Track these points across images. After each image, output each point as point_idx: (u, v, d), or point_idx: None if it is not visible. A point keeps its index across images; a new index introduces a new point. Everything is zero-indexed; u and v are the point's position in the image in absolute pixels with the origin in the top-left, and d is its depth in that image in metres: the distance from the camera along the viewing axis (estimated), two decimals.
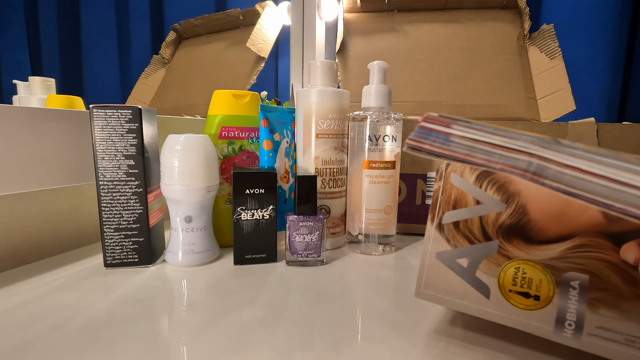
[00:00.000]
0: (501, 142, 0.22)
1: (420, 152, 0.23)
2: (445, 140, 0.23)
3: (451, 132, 0.23)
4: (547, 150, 0.21)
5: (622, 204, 0.17)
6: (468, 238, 0.23)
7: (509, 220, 0.22)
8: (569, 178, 0.19)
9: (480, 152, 0.22)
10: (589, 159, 0.20)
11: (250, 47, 0.81)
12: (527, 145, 0.22)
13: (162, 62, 0.96)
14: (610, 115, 0.81)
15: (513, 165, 0.21)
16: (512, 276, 0.22)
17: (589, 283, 0.21)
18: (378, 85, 0.42)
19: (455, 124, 0.24)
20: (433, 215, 0.25)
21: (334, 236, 0.45)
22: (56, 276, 0.35)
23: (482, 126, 0.24)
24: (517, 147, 0.22)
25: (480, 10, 0.64)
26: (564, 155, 0.21)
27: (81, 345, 0.24)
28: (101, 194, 0.36)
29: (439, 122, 0.24)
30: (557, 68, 0.57)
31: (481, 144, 0.22)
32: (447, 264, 0.24)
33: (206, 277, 0.36)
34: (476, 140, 0.23)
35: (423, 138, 0.23)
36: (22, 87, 0.76)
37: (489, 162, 0.21)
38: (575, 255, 0.21)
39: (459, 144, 0.23)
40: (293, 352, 0.24)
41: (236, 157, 0.44)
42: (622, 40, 0.79)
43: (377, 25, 0.67)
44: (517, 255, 0.22)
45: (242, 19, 0.86)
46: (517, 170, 0.20)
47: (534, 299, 0.22)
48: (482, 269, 0.23)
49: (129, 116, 0.35)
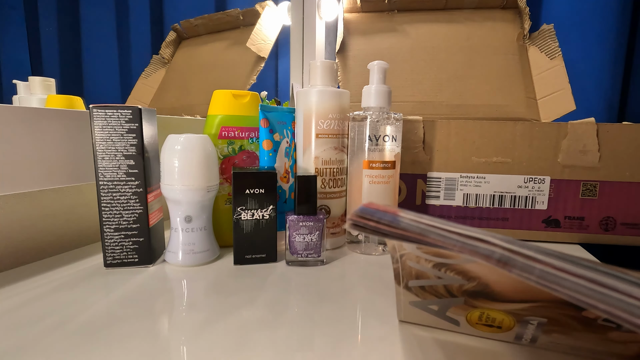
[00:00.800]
0: (458, 229, 0.19)
1: (365, 229, 0.20)
2: (393, 219, 0.20)
3: (400, 213, 0.21)
4: (512, 245, 0.18)
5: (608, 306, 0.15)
6: (436, 295, 0.25)
7: (472, 289, 0.23)
8: (539, 271, 0.16)
9: (434, 234, 0.19)
10: (562, 258, 0.17)
11: (250, 47, 0.81)
12: (488, 236, 0.19)
13: (162, 62, 0.96)
14: (610, 115, 0.81)
15: (474, 250, 0.18)
16: (478, 316, 0.25)
17: (546, 323, 0.23)
18: (378, 85, 0.42)
19: (403, 211, 0.22)
20: (399, 280, 0.26)
21: (334, 236, 0.45)
22: (56, 276, 0.35)
23: (433, 218, 0.21)
24: (477, 236, 0.19)
25: (480, 10, 0.64)
26: (531, 251, 0.18)
27: (81, 345, 0.24)
28: (101, 194, 0.36)
29: (385, 208, 0.22)
30: (557, 68, 0.57)
31: (435, 228, 0.19)
32: (420, 308, 0.27)
33: (206, 277, 0.36)
34: (429, 224, 0.20)
35: (368, 215, 0.21)
36: (22, 87, 0.76)
37: (446, 243, 0.19)
38: (537, 309, 0.22)
39: (409, 224, 0.20)
40: (293, 352, 0.24)
41: (236, 157, 0.44)
42: (622, 40, 0.78)
43: (377, 25, 0.67)
44: (482, 306, 0.24)
45: (242, 19, 0.86)
46: (479, 255, 0.18)
47: (497, 327, 0.25)
48: (451, 311, 0.26)
49: (129, 116, 0.35)
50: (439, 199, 0.50)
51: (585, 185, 0.47)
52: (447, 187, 0.49)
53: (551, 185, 0.47)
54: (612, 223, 0.47)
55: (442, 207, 0.50)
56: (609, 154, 0.46)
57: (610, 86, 0.80)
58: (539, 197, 0.48)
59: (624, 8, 0.78)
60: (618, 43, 0.79)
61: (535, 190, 0.48)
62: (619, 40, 0.79)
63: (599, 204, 0.47)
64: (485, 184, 0.48)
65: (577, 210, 0.47)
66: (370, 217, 0.21)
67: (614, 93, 0.81)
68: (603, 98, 0.81)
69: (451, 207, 0.50)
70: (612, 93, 0.81)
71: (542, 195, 0.48)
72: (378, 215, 0.21)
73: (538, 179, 0.47)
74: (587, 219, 0.47)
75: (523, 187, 0.48)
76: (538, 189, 0.47)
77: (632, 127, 0.45)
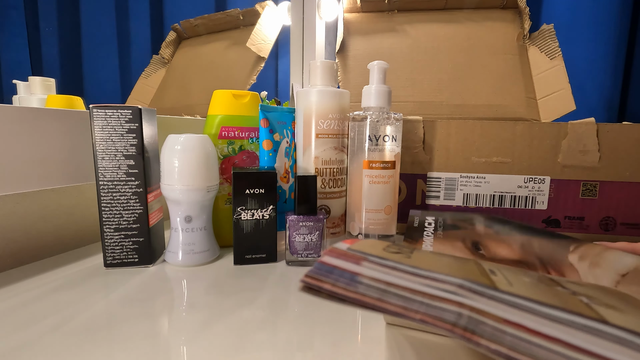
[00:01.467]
0: (422, 288, 0.18)
1: (319, 293, 0.18)
2: (351, 280, 0.19)
3: (359, 271, 0.19)
4: (481, 298, 0.17)
5: None
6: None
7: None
8: (510, 339, 0.15)
9: (395, 297, 0.18)
10: (535, 312, 0.16)
11: (250, 47, 0.81)
12: (456, 290, 0.18)
13: (162, 62, 0.96)
14: (610, 115, 0.81)
15: (438, 317, 0.17)
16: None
17: None
18: (378, 85, 0.42)
19: (366, 260, 0.20)
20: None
21: (334, 236, 0.45)
22: (56, 276, 0.35)
23: (400, 264, 0.20)
24: (443, 295, 0.18)
25: (480, 10, 0.64)
26: (502, 306, 0.17)
27: (81, 345, 0.24)
28: (101, 194, 0.36)
29: (346, 258, 0.20)
30: (557, 68, 0.57)
31: (397, 288, 0.18)
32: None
33: (206, 277, 0.36)
34: (390, 283, 0.18)
35: (323, 276, 0.19)
36: (22, 87, 0.76)
37: (407, 310, 0.17)
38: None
39: (368, 286, 0.18)
40: (293, 352, 0.24)
41: (236, 157, 0.44)
42: (622, 40, 0.79)
43: (377, 25, 0.67)
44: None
45: (242, 19, 0.86)
46: (443, 324, 0.16)
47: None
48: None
49: (129, 116, 0.35)
50: (439, 199, 0.50)
51: (585, 185, 0.47)
52: (447, 187, 0.49)
53: (551, 185, 0.47)
54: (612, 223, 0.47)
55: (442, 207, 0.50)
56: (609, 154, 0.46)
57: (610, 86, 0.80)
58: (539, 197, 0.48)
59: (624, 8, 0.78)
60: (618, 43, 0.79)
61: (535, 190, 0.48)
62: (619, 40, 0.79)
63: (599, 204, 0.47)
64: (485, 184, 0.48)
65: (577, 210, 0.47)
66: (326, 278, 0.19)
67: (614, 93, 0.81)
68: (603, 98, 0.81)
69: (451, 207, 0.50)
70: (612, 93, 0.81)
71: (542, 195, 0.48)
72: (335, 275, 0.19)
73: (538, 179, 0.47)
74: (587, 219, 0.47)
75: (523, 187, 0.48)
76: (538, 189, 0.47)
77: (632, 127, 0.45)
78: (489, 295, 0.18)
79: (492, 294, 0.18)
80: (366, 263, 0.20)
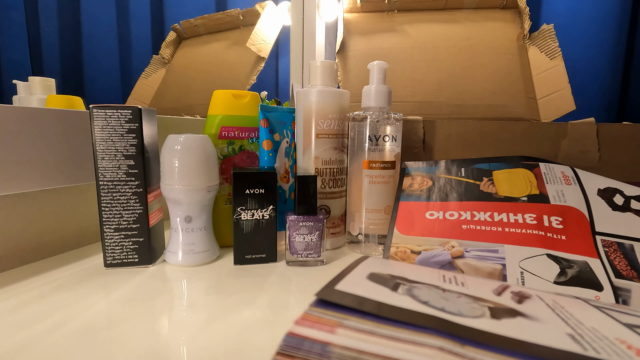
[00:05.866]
0: (399, 354, 0.18)
1: None
2: (322, 351, 0.18)
3: (331, 340, 0.19)
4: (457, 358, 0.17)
5: None
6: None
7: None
8: None
9: None
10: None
11: (250, 47, 0.81)
12: (435, 355, 0.18)
13: (162, 62, 0.96)
14: (610, 115, 0.81)
15: None
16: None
17: None
18: (378, 85, 0.42)
19: (341, 326, 0.20)
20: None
21: (334, 236, 0.45)
22: (56, 276, 0.35)
23: (378, 327, 0.20)
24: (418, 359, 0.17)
25: (480, 10, 0.64)
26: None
27: (81, 345, 0.24)
28: (101, 194, 0.36)
29: (320, 326, 0.20)
30: (557, 68, 0.57)
31: (370, 356, 0.18)
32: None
33: (206, 277, 0.36)
34: (363, 351, 0.18)
35: (294, 349, 0.19)
36: (22, 87, 0.76)
37: None
38: None
39: (340, 356, 0.18)
40: None
41: (236, 157, 0.44)
42: (621, 40, 0.79)
43: (377, 25, 0.67)
44: None
45: (242, 19, 0.86)
46: None
47: None
48: None
49: (129, 116, 0.35)
50: None
51: None
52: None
53: None
54: None
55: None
56: (609, 154, 0.46)
57: (610, 86, 0.80)
58: None
59: (623, 8, 0.78)
60: (618, 43, 0.79)
61: None
62: (619, 40, 0.79)
63: None
64: None
65: None
66: (297, 352, 0.18)
67: (614, 93, 0.81)
68: (603, 98, 0.81)
69: None
70: (612, 93, 0.81)
71: None
72: (306, 347, 0.19)
73: None
74: None
75: None
76: None
77: (632, 127, 0.45)
78: (470, 358, 0.17)
79: (473, 357, 0.17)
80: (340, 330, 0.20)
